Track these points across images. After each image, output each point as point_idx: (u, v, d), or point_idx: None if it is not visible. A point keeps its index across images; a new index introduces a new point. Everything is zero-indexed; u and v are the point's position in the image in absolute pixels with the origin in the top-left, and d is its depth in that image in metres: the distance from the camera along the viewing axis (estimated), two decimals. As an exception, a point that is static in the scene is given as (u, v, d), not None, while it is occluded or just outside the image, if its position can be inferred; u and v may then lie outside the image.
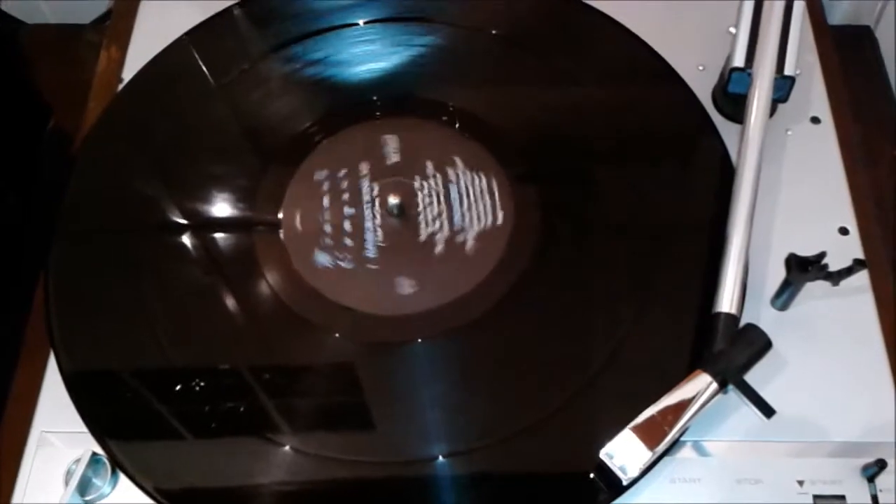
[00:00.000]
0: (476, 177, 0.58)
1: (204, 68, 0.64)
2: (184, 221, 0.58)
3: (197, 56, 0.64)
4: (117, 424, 0.50)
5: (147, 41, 0.65)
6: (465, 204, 0.57)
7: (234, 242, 0.57)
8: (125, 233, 0.57)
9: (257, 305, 0.54)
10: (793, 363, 0.51)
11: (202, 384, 0.51)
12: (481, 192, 0.57)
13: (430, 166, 0.59)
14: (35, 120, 0.76)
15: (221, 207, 0.58)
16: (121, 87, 0.63)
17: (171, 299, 0.55)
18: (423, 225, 0.57)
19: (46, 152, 0.77)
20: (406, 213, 0.57)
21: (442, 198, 0.57)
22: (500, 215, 0.56)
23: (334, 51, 0.64)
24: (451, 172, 0.58)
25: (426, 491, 0.48)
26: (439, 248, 0.56)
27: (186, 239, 0.57)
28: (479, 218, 0.56)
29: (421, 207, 0.57)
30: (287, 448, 0.49)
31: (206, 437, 0.50)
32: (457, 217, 0.57)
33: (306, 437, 0.49)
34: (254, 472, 0.48)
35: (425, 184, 0.58)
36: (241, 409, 0.50)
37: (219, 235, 0.57)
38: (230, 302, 0.54)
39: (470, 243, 0.56)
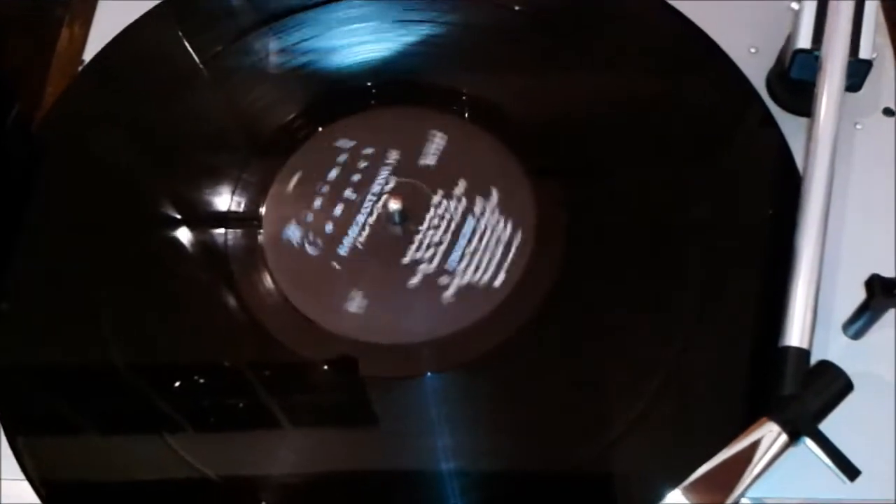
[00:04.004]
0: (503, 222, 0.49)
1: (186, 43, 0.57)
2: (178, 216, 0.52)
3: (178, 28, 0.58)
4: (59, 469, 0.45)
5: (114, 17, 0.59)
6: (471, 245, 0.49)
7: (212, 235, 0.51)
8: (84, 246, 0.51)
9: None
10: (869, 403, 0.44)
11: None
12: (497, 241, 0.49)
13: (461, 185, 0.50)
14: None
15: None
16: (81, 67, 0.57)
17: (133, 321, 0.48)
18: (414, 246, 0.49)
19: (12, 139, 0.71)
20: (406, 226, 0.50)
21: (453, 226, 0.49)
22: (501, 278, 0.48)
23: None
24: (478, 203, 0.50)
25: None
26: (415, 280, 0.48)
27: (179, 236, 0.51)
28: (476, 269, 0.48)
29: (425, 226, 0.50)
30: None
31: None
32: (454, 255, 0.48)
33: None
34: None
35: (444, 203, 0.50)
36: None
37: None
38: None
39: (450, 292, 0.47)
